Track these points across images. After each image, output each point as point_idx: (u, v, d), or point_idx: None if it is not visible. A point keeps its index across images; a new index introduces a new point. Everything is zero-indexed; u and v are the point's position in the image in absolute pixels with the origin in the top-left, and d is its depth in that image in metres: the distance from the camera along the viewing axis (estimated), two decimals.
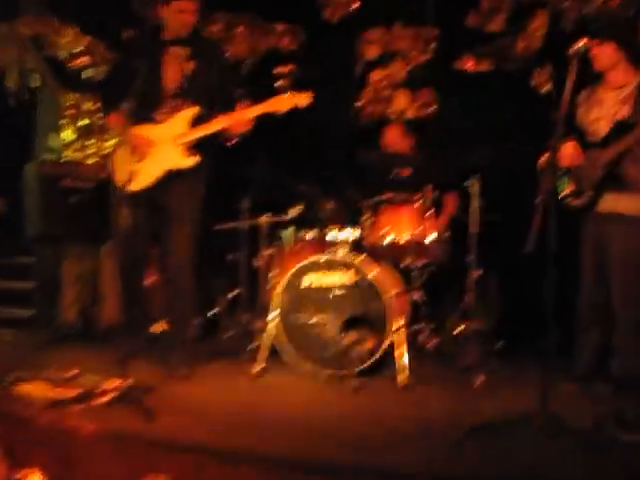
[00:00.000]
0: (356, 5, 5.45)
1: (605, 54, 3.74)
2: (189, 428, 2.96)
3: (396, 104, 5.39)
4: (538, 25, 5.13)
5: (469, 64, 5.15)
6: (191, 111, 3.76)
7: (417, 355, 4.39)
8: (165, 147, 3.73)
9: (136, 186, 3.64)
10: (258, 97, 5.61)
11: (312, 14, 5.59)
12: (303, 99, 3.75)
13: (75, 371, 3.62)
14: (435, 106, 5.37)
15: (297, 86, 5.50)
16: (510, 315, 4.65)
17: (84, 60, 5.18)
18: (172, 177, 3.75)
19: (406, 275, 4.55)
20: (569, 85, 3.16)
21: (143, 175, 3.67)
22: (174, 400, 3.45)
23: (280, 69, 5.55)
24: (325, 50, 5.49)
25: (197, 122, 3.75)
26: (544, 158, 3.94)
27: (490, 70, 5.22)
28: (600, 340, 3.88)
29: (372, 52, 5.47)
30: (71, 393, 3.30)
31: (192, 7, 3.76)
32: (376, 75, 5.47)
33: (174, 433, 2.88)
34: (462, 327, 4.31)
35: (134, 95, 3.44)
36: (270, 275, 4.56)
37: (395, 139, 5.04)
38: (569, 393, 3.76)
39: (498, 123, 4.99)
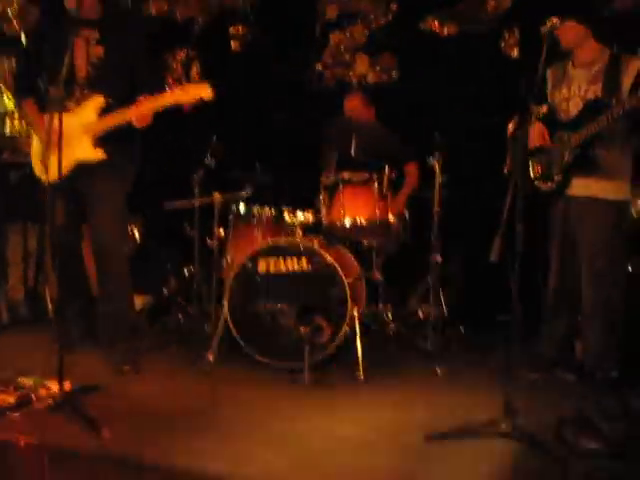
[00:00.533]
0: None
1: (570, 32, 3.57)
2: (131, 439, 2.77)
3: (357, 68, 5.11)
4: None
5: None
6: (97, 101, 3.58)
7: (377, 339, 4.32)
8: (74, 137, 3.55)
9: (51, 176, 3.35)
10: (208, 59, 5.40)
11: None
12: (205, 91, 3.48)
13: (10, 373, 3.40)
14: (396, 71, 5.10)
15: (253, 48, 5.34)
16: (473, 296, 4.52)
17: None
18: (86, 166, 3.62)
19: (366, 256, 4.37)
20: (541, 66, 2.98)
21: (56, 166, 3.37)
22: (116, 403, 3.25)
23: (234, 30, 5.25)
24: (284, 9, 5.19)
25: (106, 111, 3.57)
26: (511, 128, 3.77)
27: (456, 34, 4.97)
28: (565, 328, 3.79)
29: (331, 12, 5.15)
30: (9, 399, 3.11)
31: None
32: (336, 37, 5.17)
33: (116, 445, 2.69)
34: (422, 310, 4.16)
35: (45, 81, 3.26)
36: (226, 256, 4.36)
37: (356, 108, 4.78)
38: (533, 382, 3.68)
39: (464, 93, 4.77)
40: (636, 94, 3.30)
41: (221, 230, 4.39)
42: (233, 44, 5.32)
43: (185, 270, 4.68)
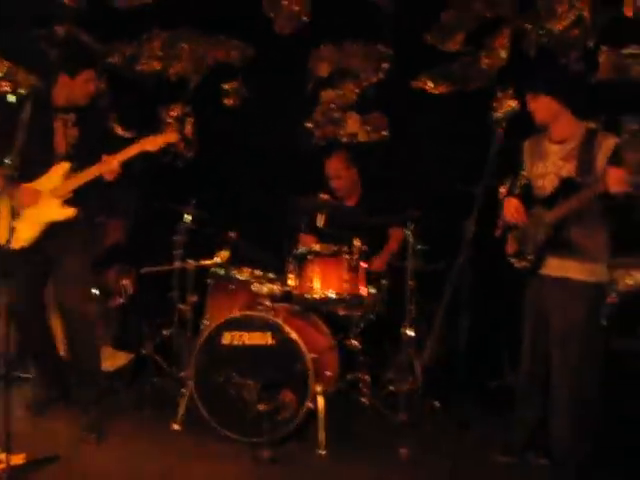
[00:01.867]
0: (306, 18, 5.09)
1: (542, 108, 3.44)
2: None
3: (347, 127, 5.05)
4: (502, 42, 4.75)
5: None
6: (62, 167, 3.80)
7: (352, 409, 4.23)
8: (42, 202, 3.77)
9: (17, 244, 3.62)
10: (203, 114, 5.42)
11: (263, 28, 5.28)
12: (171, 136, 4.01)
13: None
14: (386, 131, 5.02)
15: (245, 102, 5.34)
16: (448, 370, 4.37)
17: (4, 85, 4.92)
18: (53, 228, 3.78)
19: (343, 323, 4.28)
20: (493, 151, 2.87)
21: (23, 232, 3.69)
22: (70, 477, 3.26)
23: (228, 85, 5.25)
24: (275, 65, 5.18)
25: (71, 174, 3.82)
26: (503, 192, 3.66)
27: (449, 92, 4.88)
28: (536, 413, 3.62)
29: (323, 70, 5.11)
30: None
31: (94, 77, 3.90)
32: (327, 95, 5.11)
33: None
34: (395, 383, 4.05)
35: (17, 154, 3.33)
36: (204, 320, 4.33)
37: (338, 170, 4.71)
38: (504, 466, 3.56)
39: (454, 154, 4.66)
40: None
41: (194, 296, 4.38)
42: (226, 101, 5.33)
43: (164, 332, 4.65)
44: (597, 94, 4.23)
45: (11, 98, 3.86)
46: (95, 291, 5.07)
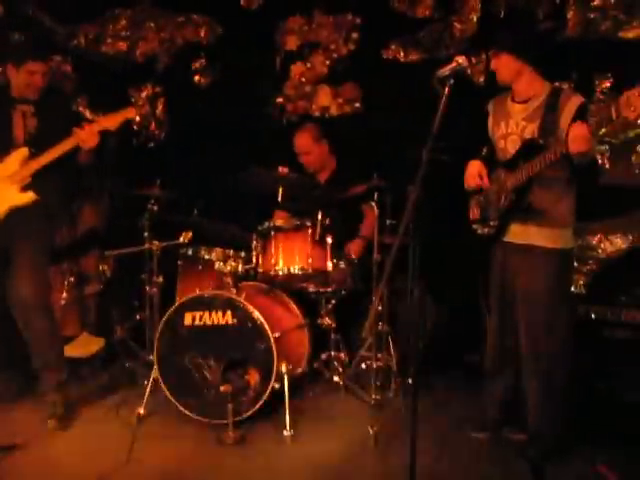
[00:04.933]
0: None
1: (503, 66, 3.28)
2: None
3: (319, 100, 4.91)
4: (472, 7, 4.58)
5: None
6: (20, 152, 3.73)
7: (325, 389, 4.16)
8: (1, 189, 3.70)
9: None
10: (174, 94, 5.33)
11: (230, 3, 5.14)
12: (130, 112, 3.89)
13: None
14: (359, 103, 4.88)
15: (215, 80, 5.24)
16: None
17: None
18: (10, 216, 3.71)
19: (314, 301, 4.18)
20: (441, 109, 2.70)
21: None
22: (29, 464, 3.22)
23: (197, 63, 5.16)
24: (244, 41, 5.06)
25: (29, 160, 3.74)
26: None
27: (420, 61, 4.72)
28: (506, 388, 3.49)
29: (292, 43, 4.97)
30: None
31: (42, 69, 3.76)
32: (297, 69, 4.98)
33: None
34: (367, 361, 3.94)
35: None
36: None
37: (307, 146, 4.58)
38: (479, 442, 3.47)
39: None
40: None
41: (159, 278, 4.31)
42: (196, 79, 5.22)
43: (137, 315, 4.57)
44: (567, 52, 4.07)
45: None
46: (71, 278, 5.05)
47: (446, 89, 2.64)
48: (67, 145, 3.67)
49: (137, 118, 5.31)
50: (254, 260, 3.97)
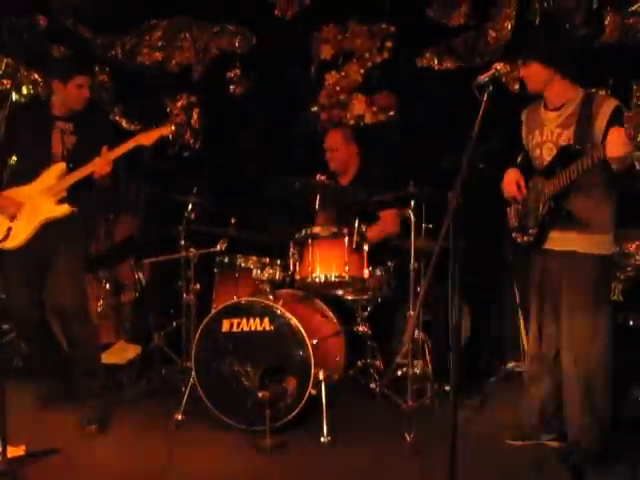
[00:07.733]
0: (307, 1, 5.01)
1: (532, 75, 3.29)
2: None
3: (353, 109, 4.94)
4: (507, 14, 4.58)
5: None
6: (58, 167, 3.87)
7: (361, 396, 4.18)
8: (36, 201, 3.83)
9: (12, 243, 3.75)
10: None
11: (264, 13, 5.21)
12: (166, 129, 3.98)
13: None
14: (394, 111, 4.90)
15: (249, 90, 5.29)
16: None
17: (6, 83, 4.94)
18: (48, 227, 3.83)
19: (350, 308, 4.19)
20: (480, 115, 2.70)
21: (18, 231, 3.77)
22: (70, 468, 3.24)
23: (231, 73, 5.21)
24: (279, 50, 5.11)
25: (66, 175, 3.87)
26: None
27: (454, 68, 4.74)
28: (546, 395, 3.46)
29: (326, 52, 5.01)
30: None
31: (89, 82, 3.92)
32: (331, 77, 5.01)
33: None
34: (403, 368, 3.94)
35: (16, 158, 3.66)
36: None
37: (336, 143, 4.61)
38: (516, 451, 3.42)
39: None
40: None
41: (196, 285, 4.37)
42: (231, 89, 5.28)
43: (174, 323, 4.62)
44: (604, 58, 4.05)
45: (15, 97, 3.93)
46: (107, 286, 5.13)
47: (485, 96, 2.66)
48: (86, 171, 3.78)
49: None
50: (291, 267, 3.99)
